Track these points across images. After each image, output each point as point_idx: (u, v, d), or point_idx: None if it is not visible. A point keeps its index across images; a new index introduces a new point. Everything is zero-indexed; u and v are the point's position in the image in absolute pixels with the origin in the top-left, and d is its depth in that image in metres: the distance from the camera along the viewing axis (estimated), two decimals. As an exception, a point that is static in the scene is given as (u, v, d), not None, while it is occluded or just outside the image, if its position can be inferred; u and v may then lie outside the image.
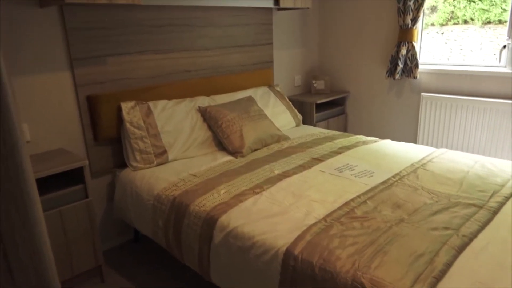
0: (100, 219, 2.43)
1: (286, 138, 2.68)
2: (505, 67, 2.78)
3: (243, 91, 2.94)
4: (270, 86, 3.19)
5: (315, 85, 3.56)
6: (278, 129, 2.70)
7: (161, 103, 2.42)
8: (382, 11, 3.25)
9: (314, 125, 3.29)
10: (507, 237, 1.43)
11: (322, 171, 2.10)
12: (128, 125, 2.23)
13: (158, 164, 2.27)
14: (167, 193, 1.97)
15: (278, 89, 3.20)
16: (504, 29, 2.75)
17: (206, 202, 1.81)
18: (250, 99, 2.78)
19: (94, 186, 2.32)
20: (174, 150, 2.32)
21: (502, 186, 1.83)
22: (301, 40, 3.60)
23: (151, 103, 2.37)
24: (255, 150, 2.48)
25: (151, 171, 2.19)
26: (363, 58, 3.48)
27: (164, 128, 2.32)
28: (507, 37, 2.73)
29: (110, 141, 2.36)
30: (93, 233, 2.08)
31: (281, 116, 2.95)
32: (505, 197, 1.73)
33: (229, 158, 2.36)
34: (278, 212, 1.69)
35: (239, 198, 1.82)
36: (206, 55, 2.78)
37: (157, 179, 2.10)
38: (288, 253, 1.43)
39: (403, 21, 3.00)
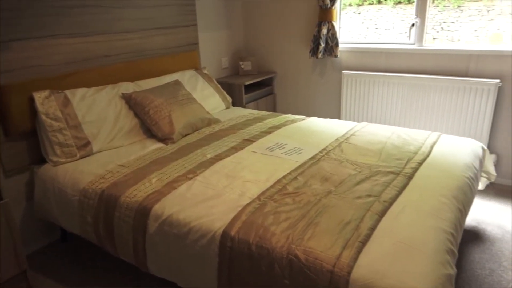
0: (20, 221, 2.23)
1: (216, 121, 2.66)
2: (414, 44, 3.02)
3: (169, 75, 2.85)
4: (197, 69, 3.13)
5: (242, 66, 3.57)
6: (208, 113, 2.68)
7: (80, 91, 2.26)
8: (303, -8, 3.33)
9: (244, 107, 3.32)
10: (420, 199, 1.59)
11: (254, 152, 2.14)
12: (43, 117, 2.05)
13: (82, 157, 2.13)
14: (94, 186, 1.86)
15: (205, 71, 3.15)
16: (412, 9, 2.98)
17: (138, 193, 1.75)
18: (177, 83, 2.70)
19: (9, 186, 2.12)
20: (98, 141, 2.19)
21: (415, 153, 2.02)
22: (226, 21, 3.56)
23: (68, 92, 2.20)
24: (186, 135, 2.44)
25: (74, 165, 2.05)
26: (287, 38, 3.55)
27: (86, 118, 2.17)
28: (415, 16, 2.95)
29: (24, 135, 2.15)
30: (12, 236, 1.90)
31: (210, 99, 2.92)
32: (418, 163, 1.91)
33: (159, 145, 2.29)
34: (213, 195, 1.69)
35: (172, 185, 1.78)
36: (126, 38, 2.63)
37: (82, 173, 1.98)
38: (225, 234, 1.45)
39: (323, 1, 3.10)
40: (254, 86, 3.58)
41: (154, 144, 2.30)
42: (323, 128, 2.47)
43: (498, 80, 2.66)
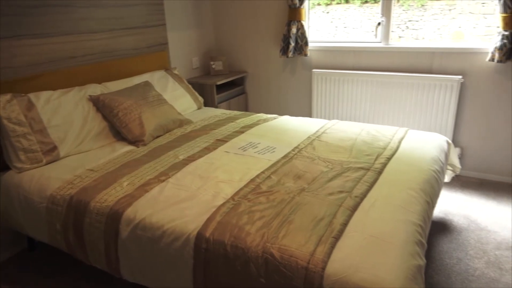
0: (-17, 231, 2.13)
1: (188, 122, 2.64)
2: (380, 42, 3.10)
3: (138, 76, 2.80)
4: (167, 69, 3.09)
5: (213, 66, 3.55)
6: (180, 114, 2.65)
7: (45, 94, 2.18)
8: (272, -9, 3.34)
9: (216, 107, 3.30)
10: (390, 193, 1.63)
11: (227, 152, 2.13)
12: (5, 122, 1.97)
13: (48, 163, 2.05)
14: (62, 192, 1.80)
15: (175, 72, 3.11)
16: (378, 8, 3.05)
17: (108, 197, 1.70)
18: (147, 84, 2.65)
19: (-30, 195, 2.02)
20: (65, 146, 2.12)
21: (384, 149, 2.08)
22: (195, 20, 3.53)
23: (32, 95, 2.12)
24: (157, 137, 2.40)
25: (40, 171, 1.98)
26: (258, 37, 3.56)
27: (51, 122, 2.10)
28: (381, 15, 3.03)
29: (-16, 142, 2.06)
30: (-25, 248, 1.82)
31: (181, 100, 2.89)
32: (387, 158, 1.96)
33: (129, 148, 2.25)
34: (186, 197, 1.67)
35: (144, 188, 1.75)
36: (92, 38, 2.56)
37: (49, 179, 1.91)
38: (199, 236, 1.44)
39: (292, 0, 3.13)
40: (226, 86, 3.58)
41: (125, 147, 2.25)
42: (295, 127, 2.50)
43: (460, 76, 2.78)
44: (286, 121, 2.64)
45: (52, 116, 2.11)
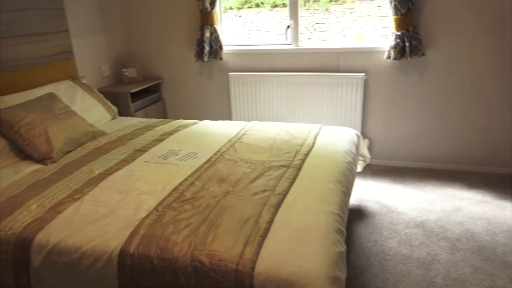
0: None
1: (102, 133, 2.49)
2: (291, 44, 3.24)
3: (41, 87, 2.57)
4: (75, 79, 2.88)
5: (126, 73, 3.40)
6: (92, 125, 2.49)
7: None
8: (182, -4, 3.31)
9: (132, 116, 3.17)
10: (310, 187, 1.72)
11: (147, 161, 2.06)
12: None
13: None
14: (-44, 224, 1.58)
15: (84, 81, 2.92)
16: (287, 11, 3.19)
17: (14, 224, 1.54)
18: (52, 96, 2.45)
19: None
20: (-44, 170, 1.86)
21: (302, 145, 2.18)
22: (103, 26, 3.35)
23: None
24: (68, 152, 2.23)
25: None
26: (171, 42, 3.50)
27: None
28: (289, 18, 3.18)
29: None
30: None
31: (92, 111, 2.72)
32: (305, 154, 2.06)
33: (36, 166, 2.05)
34: (105, 213, 1.58)
35: (56, 209, 1.61)
36: (-19, 48, 2.29)
37: None
38: (122, 253, 1.37)
39: (203, 5, 3.13)
40: (141, 93, 3.45)
41: (30, 166, 2.05)
42: (216, 130, 2.50)
43: (364, 74, 3.03)
44: (207, 125, 2.63)
45: None
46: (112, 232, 1.45)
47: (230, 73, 3.34)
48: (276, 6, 3.58)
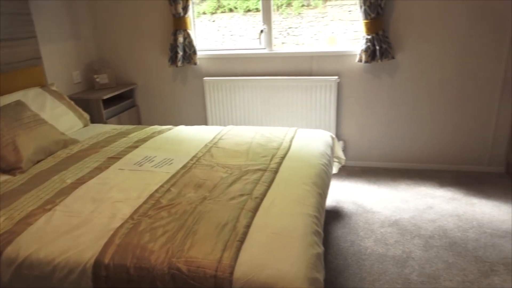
0: None
1: (74, 141, 2.43)
2: (265, 48, 3.27)
3: (8, 95, 2.48)
4: (44, 86, 2.80)
5: (98, 79, 3.33)
6: (63, 133, 2.42)
7: None
8: (153, 1, 3.27)
9: (105, 122, 3.10)
10: (286, 190, 1.73)
11: (121, 169, 2.02)
12: None
13: None
14: None
15: (54, 88, 2.84)
16: (260, 16, 3.21)
17: (-19, 237, 1.47)
18: (19, 104, 2.37)
19: None
20: None
21: (278, 149, 2.19)
22: (73, 32, 3.27)
23: None
24: (38, 161, 2.16)
25: None
26: (144, 48, 3.45)
27: None
28: (263, 23, 3.20)
29: None
30: None
31: (63, 119, 2.64)
32: (281, 157, 2.07)
33: (4, 177, 1.97)
34: (78, 223, 1.53)
35: (26, 221, 1.55)
36: None
37: None
38: (97, 264, 1.33)
39: (175, 9, 3.11)
40: (114, 99, 3.38)
41: (-2, 177, 1.98)
42: (192, 136, 2.48)
43: (337, 77, 3.08)
44: (182, 131, 2.61)
45: None
46: (86, 243, 1.42)
47: (204, 78, 3.32)
48: (249, 10, 3.60)
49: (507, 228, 2.31)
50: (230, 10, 3.67)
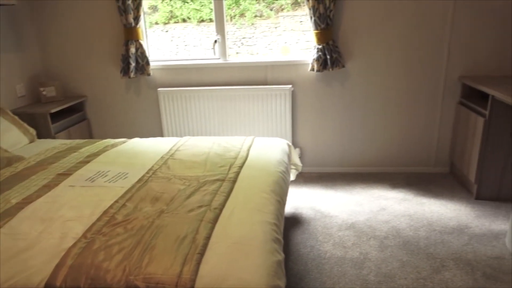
0: None
1: (19, 158, 2.28)
2: (219, 58, 3.27)
3: None
4: (-17, 100, 2.62)
5: (44, 92, 3.17)
6: (6, 151, 2.27)
7: None
8: (103, 10, 3.19)
9: (53, 137, 2.95)
10: (245, 199, 1.73)
11: (72, 186, 1.92)
12: None
13: None
14: None
15: (-5, 103, 2.66)
16: (214, 26, 3.22)
17: None
18: (-45, 121, 2.20)
19: None
20: None
21: (236, 158, 2.19)
22: (14, 43, 3.09)
23: None
24: (-21, 181, 2.01)
25: None
26: (94, 59, 3.34)
27: None
28: (216, 33, 3.21)
29: None
30: None
31: (6, 135, 2.48)
32: (239, 166, 2.07)
33: None
34: (25, 246, 1.44)
35: (-35, 247, 1.43)
36: None
37: None
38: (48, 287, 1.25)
39: (126, 20, 3.05)
40: (63, 113, 3.23)
41: None
42: (147, 148, 2.42)
43: (291, 86, 3.15)
44: (137, 143, 2.54)
45: None
46: (35, 266, 1.33)
47: (159, 89, 3.27)
48: (203, 21, 3.60)
49: (454, 225, 2.46)
50: (184, 20, 3.66)
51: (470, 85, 2.78)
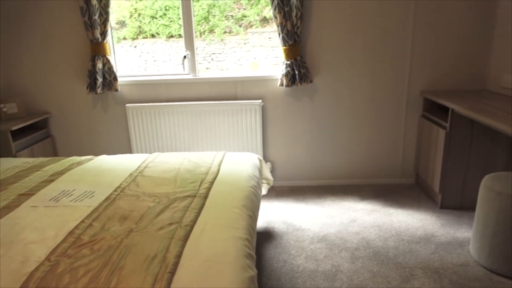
0: None
1: (-24, 179, 2.16)
2: (189, 74, 3.27)
3: None
4: None
5: (4, 109, 3.04)
6: (-38, 171, 2.15)
7: None
8: (68, 26, 3.12)
9: (14, 156, 2.82)
10: (217, 215, 1.71)
11: (35, 206, 1.84)
12: None
13: None
14: None
15: (-50, 120, 2.52)
16: (183, 42, 3.23)
17: None
18: None
19: None
20: None
21: (206, 174, 2.17)
22: (-27, 58, 2.97)
23: None
24: None
25: None
26: (59, 74, 3.25)
27: None
28: (186, 49, 3.21)
29: None
30: None
31: (-37, 154, 2.35)
32: (210, 182, 2.06)
33: None
34: (-17, 272, 1.35)
35: None
36: None
37: None
38: (7, 316, 1.18)
39: (93, 35, 2.99)
40: (25, 130, 3.11)
41: None
42: (115, 165, 2.36)
43: (260, 101, 3.18)
44: (104, 161, 2.47)
45: None
46: (-7, 293, 1.25)
47: (127, 105, 3.21)
48: (172, 36, 3.60)
49: (421, 234, 2.54)
50: (152, 35, 3.64)
51: (431, 99, 2.91)
